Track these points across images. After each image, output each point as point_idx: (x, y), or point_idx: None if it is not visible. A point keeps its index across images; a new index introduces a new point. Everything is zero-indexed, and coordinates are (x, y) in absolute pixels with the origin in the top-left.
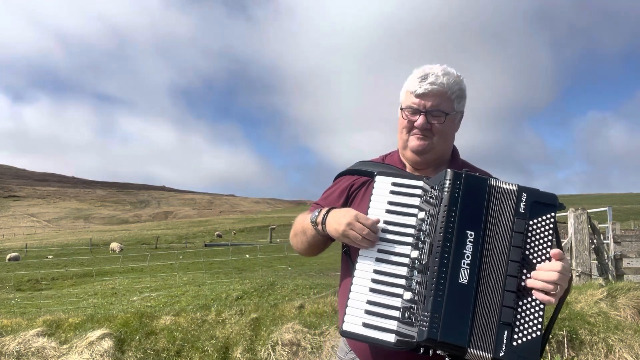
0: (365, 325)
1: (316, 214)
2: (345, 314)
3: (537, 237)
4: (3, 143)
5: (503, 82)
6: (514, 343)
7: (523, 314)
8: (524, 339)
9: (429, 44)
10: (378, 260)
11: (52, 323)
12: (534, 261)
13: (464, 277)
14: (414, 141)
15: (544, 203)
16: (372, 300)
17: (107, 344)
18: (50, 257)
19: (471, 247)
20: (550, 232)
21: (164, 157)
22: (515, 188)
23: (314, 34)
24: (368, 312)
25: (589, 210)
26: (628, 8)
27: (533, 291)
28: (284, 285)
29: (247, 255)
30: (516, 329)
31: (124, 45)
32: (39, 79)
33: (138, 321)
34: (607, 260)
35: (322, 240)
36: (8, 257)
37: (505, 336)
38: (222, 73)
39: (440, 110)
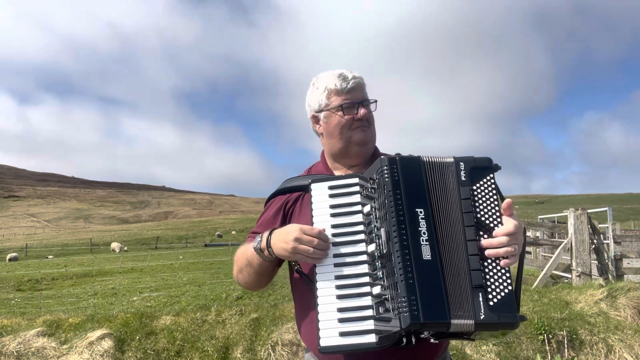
0: (343, 334)
1: (259, 239)
2: (319, 329)
3: (484, 199)
4: (9, 144)
5: (502, 85)
6: (490, 303)
7: (491, 273)
8: (499, 297)
9: (428, 47)
10: (337, 265)
11: (52, 323)
12: (487, 221)
13: (426, 253)
14: (359, 134)
15: (481, 167)
16: (342, 307)
17: (107, 344)
18: (50, 257)
19: (424, 223)
20: (494, 191)
21: (167, 158)
22: (452, 160)
23: (314, 38)
24: (342, 320)
25: (589, 211)
26: (624, 15)
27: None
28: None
29: None
30: (489, 289)
31: (129, 50)
32: (47, 82)
33: (138, 321)
34: (607, 261)
35: (271, 267)
36: (8, 257)
37: (481, 299)
38: (224, 77)
39: (370, 100)
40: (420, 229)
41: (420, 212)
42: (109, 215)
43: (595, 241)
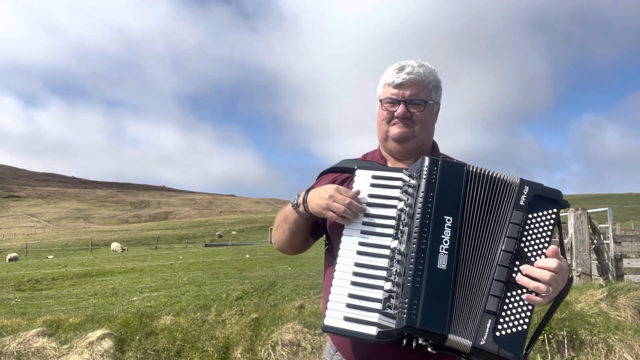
0: (347, 319)
1: (296, 196)
2: (326, 308)
3: (536, 231)
4: (15, 145)
5: (501, 87)
6: (497, 333)
7: (510, 306)
8: (509, 331)
9: (428, 49)
10: (359, 253)
11: (52, 323)
12: (529, 254)
13: (442, 262)
14: (395, 129)
15: (546, 198)
16: (354, 293)
17: (107, 344)
18: (50, 257)
19: (449, 232)
20: (550, 227)
21: (169, 159)
22: (516, 180)
23: (315, 43)
24: (350, 305)
25: (589, 211)
26: (620, 19)
27: (522, 289)
28: (284, 285)
29: (247, 255)
30: (501, 320)
31: (134, 54)
32: (54, 85)
33: (138, 321)
34: (607, 261)
35: (304, 227)
36: (8, 257)
37: (488, 325)
38: (226, 80)
39: (419, 99)
40: (443, 236)
41: (449, 220)
42: (109, 215)
43: (595, 241)
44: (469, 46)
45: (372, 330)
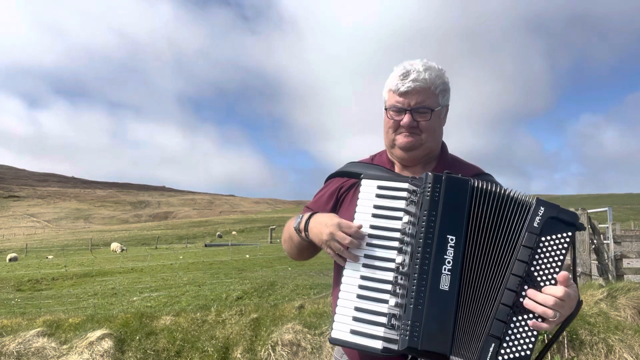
0: (353, 332)
1: (299, 220)
2: (333, 320)
3: (547, 255)
4: (19, 146)
5: (502, 89)
6: (499, 358)
7: (515, 331)
8: (511, 356)
9: (427, 51)
10: (365, 266)
11: (52, 323)
12: (539, 279)
13: (445, 283)
14: (401, 139)
15: (562, 220)
16: (359, 306)
17: (107, 344)
18: (50, 257)
19: (452, 252)
20: (564, 252)
21: (171, 160)
22: (530, 200)
23: (315, 45)
24: (356, 318)
25: (589, 211)
26: (618, 22)
27: (529, 314)
28: (284, 285)
29: (247, 255)
30: (504, 344)
31: (137, 56)
32: (58, 87)
33: (138, 321)
34: (607, 261)
35: (311, 245)
36: (8, 257)
37: (491, 349)
38: (227, 82)
39: (425, 107)
40: (445, 257)
41: (452, 239)
42: (109, 215)
43: (595, 241)
44: (469, 48)
45: (378, 344)
